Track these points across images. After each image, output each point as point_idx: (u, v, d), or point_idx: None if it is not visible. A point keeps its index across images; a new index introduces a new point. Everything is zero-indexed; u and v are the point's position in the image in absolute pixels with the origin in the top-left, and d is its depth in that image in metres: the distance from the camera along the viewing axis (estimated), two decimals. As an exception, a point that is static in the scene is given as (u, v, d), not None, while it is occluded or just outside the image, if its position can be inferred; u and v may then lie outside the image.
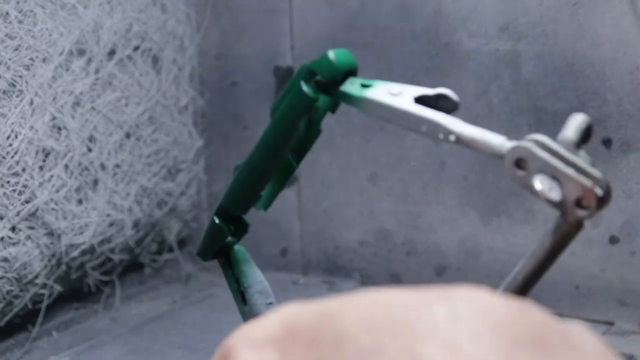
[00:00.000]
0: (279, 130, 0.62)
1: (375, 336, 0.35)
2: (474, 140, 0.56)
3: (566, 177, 0.53)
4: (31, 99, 0.80)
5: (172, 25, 0.97)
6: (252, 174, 0.64)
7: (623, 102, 0.83)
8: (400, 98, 0.58)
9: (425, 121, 0.57)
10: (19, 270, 0.80)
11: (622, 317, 0.85)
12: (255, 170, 0.64)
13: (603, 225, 0.86)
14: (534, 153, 0.54)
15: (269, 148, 0.63)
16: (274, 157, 0.63)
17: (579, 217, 0.54)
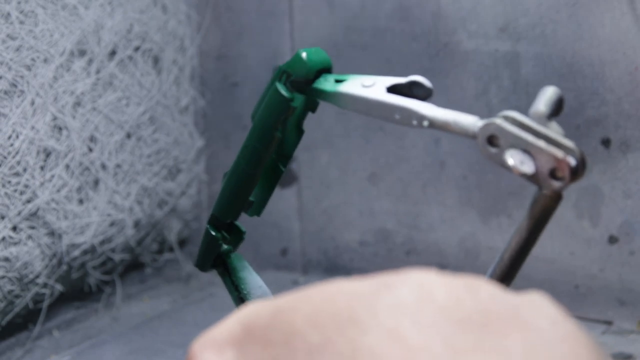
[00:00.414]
0: (259, 133, 0.62)
1: (321, 331, 0.35)
2: (446, 122, 0.57)
3: (537, 149, 0.53)
4: (32, 99, 0.80)
5: (172, 26, 0.97)
6: (238, 180, 0.64)
7: (622, 102, 0.83)
8: (373, 89, 0.59)
9: (397, 109, 0.58)
10: (20, 270, 0.80)
11: (621, 316, 0.85)
12: (241, 176, 0.64)
13: (602, 225, 0.86)
14: (504, 128, 0.54)
15: (251, 152, 0.63)
16: (257, 162, 0.63)
17: (554, 188, 0.54)
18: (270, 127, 0.61)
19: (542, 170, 0.54)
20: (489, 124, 0.55)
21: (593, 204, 0.86)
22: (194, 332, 0.88)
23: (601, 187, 0.85)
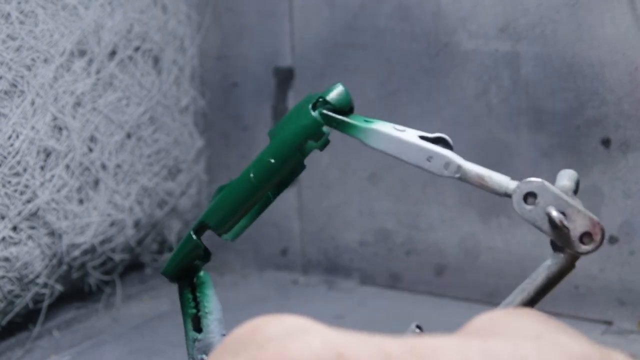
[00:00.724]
0: (280, 151, 0.62)
1: None
2: (480, 176, 0.59)
3: (576, 210, 0.57)
4: (32, 99, 0.80)
5: (172, 26, 0.97)
6: (243, 193, 0.64)
7: (622, 102, 0.83)
8: (406, 133, 0.61)
9: (432, 154, 0.60)
10: (20, 270, 0.80)
11: (621, 316, 0.86)
12: (247, 189, 0.63)
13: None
14: (545, 186, 0.57)
15: (265, 168, 0.63)
16: (268, 178, 0.63)
17: (582, 250, 0.58)
18: (293, 148, 0.62)
19: (574, 232, 0.57)
20: (529, 182, 0.58)
21: (593, 204, 0.86)
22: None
23: (601, 187, 0.85)
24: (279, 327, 0.40)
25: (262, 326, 0.41)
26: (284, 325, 0.40)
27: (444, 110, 0.92)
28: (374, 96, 0.95)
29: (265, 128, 1.01)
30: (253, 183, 0.63)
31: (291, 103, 1.00)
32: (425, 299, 0.94)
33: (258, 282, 1.01)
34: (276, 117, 1.01)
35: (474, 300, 0.92)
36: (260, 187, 0.63)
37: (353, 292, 0.97)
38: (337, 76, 0.96)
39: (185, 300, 0.66)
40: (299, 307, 0.93)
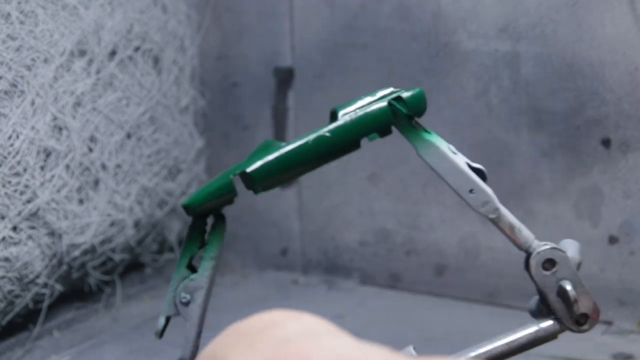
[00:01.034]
0: (344, 134, 0.63)
1: None
2: (511, 225, 0.62)
3: (585, 292, 0.61)
4: (32, 99, 0.80)
5: (172, 26, 0.97)
6: (299, 160, 0.63)
7: (622, 102, 0.83)
8: (459, 157, 0.62)
9: (478, 188, 0.62)
10: (20, 270, 0.81)
11: (621, 316, 0.86)
12: (303, 158, 0.63)
13: (602, 225, 0.86)
14: (567, 260, 0.61)
15: (326, 144, 0.63)
16: (326, 153, 0.63)
17: (576, 330, 0.60)
18: (358, 134, 0.63)
19: (577, 311, 0.60)
20: (554, 249, 0.61)
21: (593, 204, 0.86)
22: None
23: (601, 187, 0.85)
24: (298, 325, 0.41)
25: (281, 322, 0.41)
26: (302, 324, 0.41)
27: (444, 110, 0.92)
28: (374, 96, 0.95)
29: (265, 128, 1.01)
30: (308, 154, 0.63)
31: (291, 103, 1.00)
32: (425, 299, 0.94)
33: (258, 282, 1.01)
34: (276, 117, 1.01)
35: (474, 300, 0.92)
36: (314, 159, 0.63)
37: (353, 292, 0.97)
38: (337, 76, 0.96)
39: (193, 237, 0.64)
40: (299, 307, 0.93)
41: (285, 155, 0.63)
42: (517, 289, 0.89)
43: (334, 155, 0.64)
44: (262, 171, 0.63)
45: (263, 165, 0.63)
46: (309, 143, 0.63)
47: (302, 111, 0.99)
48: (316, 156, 0.63)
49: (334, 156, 0.64)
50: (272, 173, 0.63)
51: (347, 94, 0.96)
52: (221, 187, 0.64)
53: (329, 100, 0.97)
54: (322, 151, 0.63)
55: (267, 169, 0.63)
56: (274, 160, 0.63)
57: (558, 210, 0.88)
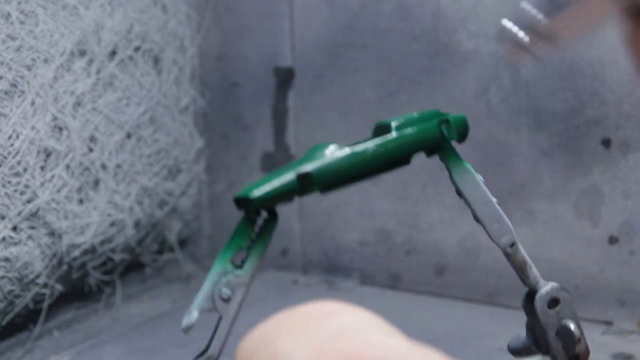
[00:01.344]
0: (401, 148, 0.65)
1: None
2: (524, 263, 0.65)
3: (582, 333, 0.63)
4: (32, 99, 0.80)
5: (173, 26, 0.97)
6: (363, 168, 0.63)
7: (622, 102, 0.83)
8: (486, 187, 0.65)
9: (501, 220, 0.64)
10: (20, 270, 0.81)
11: (621, 316, 0.86)
12: (366, 166, 0.63)
13: (602, 226, 0.86)
14: (569, 301, 0.64)
15: (383, 154, 0.64)
16: (378, 166, 0.64)
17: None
18: (412, 150, 0.65)
19: (577, 350, 0.64)
20: (560, 290, 0.65)
21: (593, 204, 0.86)
22: (194, 332, 0.88)
23: (601, 188, 0.86)
24: (353, 319, 0.41)
25: (337, 313, 0.41)
26: (357, 318, 0.41)
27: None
28: (374, 96, 0.95)
29: (266, 128, 1.01)
30: (366, 163, 0.63)
31: (291, 103, 1.00)
32: (425, 298, 0.94)
33: (258, 282, 1.01)
34: (276, 117, 1.01)
35: (474, 300, 0.92)
36: (370, 169, 0.64)
37: (353, 292, 0.97)
38: (337, 76, 0.96)
39: (243, 231, 0.61)
40: (299, 307, 0.93)
41: (350, 161, 0.62)
42: (517, 289, 0.89)
43: (386, 168, 0.65)
44: (325, 175, 0.62)
45: (326, 169, 0.63)
46: (369, 151, 0.63)
47: (302, 111, 0.99)
48: (372, 166, 0.63)
49: (386, 168, 0.65)
50: (338, 179, 0.63)
51: (347, 94, 0.97)
52: (287, 184, 0.61)
53: (329, 100, 0.97)
54: (378, 162, 0.64)
55: (332, 173, 0.62)
56: (340, 165, 0.62)
57: (558, 210, 0.88)
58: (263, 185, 0.60)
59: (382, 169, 0.65)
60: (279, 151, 1.01)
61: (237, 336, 0.75)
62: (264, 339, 0.40)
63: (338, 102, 0.97)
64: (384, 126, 0.64)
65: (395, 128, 0.64)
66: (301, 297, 0.95)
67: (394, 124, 0.64)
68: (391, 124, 0.64)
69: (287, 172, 0.61)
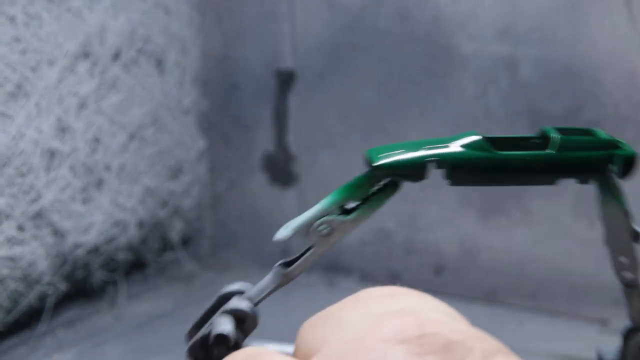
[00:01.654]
0: (550, 168, 0.59)
1: None
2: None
3: None
4: (37, 100, 0.81)
5: (175, 28, 0.97)
6: (502, 166, 0.59)
7: (620, 105, 0.84)
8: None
9: (631, 257, 0.62)
10: (25, 269, 0.81)
11: (617, 316, 0.86)
12: (509, 167, 0.59)
13: (599, 226, 0.87)
14: None
15: (532, 167, 0.59)
16: (527, 175, 0.60)
17: None
18: (562, 176, 0.59)
19: None
20: None
21: (590, 205, 0.87)
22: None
23: (598, 188, 0.86)
24: (418, 301, 0.41)
25: (403, 294, 0.42)
26: (422, 301, 0.41)
27: (443, 111, 0.92)
28: (374, 97, 0.95)
29: (266, 129, 1.02)
30: (516, 167, 0.59)
31: (292, 104, 1.00)
32: (425, 298, 0.94)
33: (259, 281, 1.02)
34: (277, 118, 1.01)
35: (473, 299, 0.92)
36: (516, 175, 0.60)
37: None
38: (337, 77, 0.97)
39: (361, 185, 0.58)
40: (299, 306, 0.94)
41: (492, 157, 0.57)
42: (516, 288, 0.90)
43: (530, 182, 0.59)
44: (462, 162, 0.56)
45: (466, 157, 0.57)
46: (525, 158, 0.57)
47: (302, 112, 1.00)
48: (514, 176, 0.58)
49: (529, 182, 0.59)
50: (471, 169, 0.58)
51: (347, 95, 0.97)
52: (415, 164, 0.59)
53: (329, 101, 0.98)
54: (523, 173, 0.58)
55: (469, 163, 0.58)
56: (478, 157, 0.57)
57: (556, 211, 0.88)
58: (392, 155, 0.57)
59: (525, 182, 0.59)
60: (280, 151, 1.02)
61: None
62: (326, 314, 0.40)
63: (338, 103, 0.97)
64: (544, 135, 0.59)
65: (559, 148, 0.59)
66: (301, 296, 0.96)
67: (553, 135, 0.59)
68: (556, 139, 0.59)
69: (423, 148, 0.57)
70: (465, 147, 0.56)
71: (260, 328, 0.90)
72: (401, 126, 0.94)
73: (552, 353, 0.80)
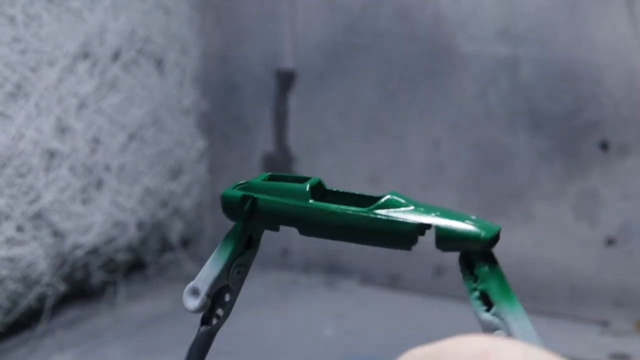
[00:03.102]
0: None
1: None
2: None
3: None
4: (37, 101, 0.81)
5: (175, 28, 0.97)
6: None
7: (620, 105, 0.84)
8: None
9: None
10: (24, 270, 0.81)
11: (618, 317, 0.86)
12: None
13: (600, 227, 0.87)
14: None
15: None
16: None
17: None
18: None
19: None
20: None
21: (591, 206, 0.87)
22: (195, 331, 0.89)
23: (599, 190, 0.86)
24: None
25: (495, 352, 0.38)
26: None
27: (443, 112, 0.92)
28: (374, 97, 0.95)
29: (266, 129, 1.02)
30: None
31: (292, 104, 1.00)
32: (425, 299, 0.94)
33: (259, 281, 1.02)
34: (277, 118, 1.01)
35: (472, 301, 0.92)
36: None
37: (353, 292, 0.97)
38: (337, 78, 0.97)
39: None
40: (300, 307, 0.94)
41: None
42: (516, 290, 0.90)
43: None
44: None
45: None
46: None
47: (302, 112, 1.00)
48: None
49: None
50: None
51: (347, 96, 0.97)
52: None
53: (329, 101, 0.98)
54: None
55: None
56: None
57: (556, 212, 0.88)
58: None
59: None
60: (280, 152, 1.02)
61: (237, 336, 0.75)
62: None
63: (338, 103, 0.97)
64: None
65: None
66: (301, 297, 0.96)
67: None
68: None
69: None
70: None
71: (260, 328, 0.90)
72: (401, 126, 0.94)
73: (553, 354, 0.80)
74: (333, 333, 0.86)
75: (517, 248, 0.90)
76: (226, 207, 0.56)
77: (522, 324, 0.52)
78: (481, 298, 0.52)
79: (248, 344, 0.83)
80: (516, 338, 0.50)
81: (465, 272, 0.54)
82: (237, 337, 0.85)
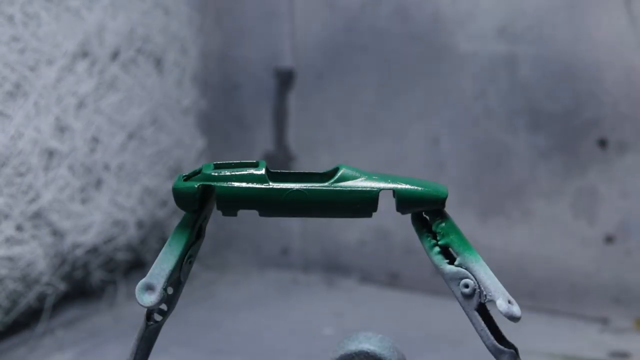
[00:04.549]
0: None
1: None
2: None
3: None
4: (36, 100, 0.81)
5: (174, 28, 0.98)
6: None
7: (618, 103, 0.84)
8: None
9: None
10: (24, 269, 0.81)
11: (617, 314, 0.86)
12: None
13: (599, 225, 0.87)
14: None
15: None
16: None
17: None
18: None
19: None
20: None
21: (590, 204, 0.87)
22: (195, 330, 0.89)
23: (598, 188, 0.86)
24: None
25: None
26: None
27: (442, 110, 0.92)
28: (373, 96, 0.96)
29: (266, 128, 1.02)
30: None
31: (291, 103, 1.00)
32: (424, 297, 0.94)
33: (259, 280, 1.02)
34: (277, 118, 1.02)
35: (472, 299, 0.92)
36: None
37: (353, 290, 0.97)
38: (337, 77, 0.97)
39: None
40: (299, 306, 0.94)
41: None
42: (516, 288, 0.90)
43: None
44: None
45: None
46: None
47: (302, 111, 1.00)
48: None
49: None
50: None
51: (346, 95, 0.97)
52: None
53: (328, 100, 0.98)
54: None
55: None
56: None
57: (555, 210, 0.88)
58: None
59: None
60: (280, 151, 1.02)
61: (237, 335, 0.75)
62: None
63: (337, 102, 0.97)
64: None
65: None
66: (301, 296, 0.96)
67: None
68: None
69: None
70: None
71: (260, 326, 0.90)
72: (400, 125, 0.95)
73: (553, 352, 0.80)
74: (333, 332, 0.86)
75: (516, 246, 0.90)
76: (180, 199, 0.57)
77: (486, 270, 0.55)
78: (442, 253, 0.56)
79: (248, 342, 0.83)
80: (483, 283, 0.54)
81: (422, 231, 0.58)
82: (237, 335, 0.85)
